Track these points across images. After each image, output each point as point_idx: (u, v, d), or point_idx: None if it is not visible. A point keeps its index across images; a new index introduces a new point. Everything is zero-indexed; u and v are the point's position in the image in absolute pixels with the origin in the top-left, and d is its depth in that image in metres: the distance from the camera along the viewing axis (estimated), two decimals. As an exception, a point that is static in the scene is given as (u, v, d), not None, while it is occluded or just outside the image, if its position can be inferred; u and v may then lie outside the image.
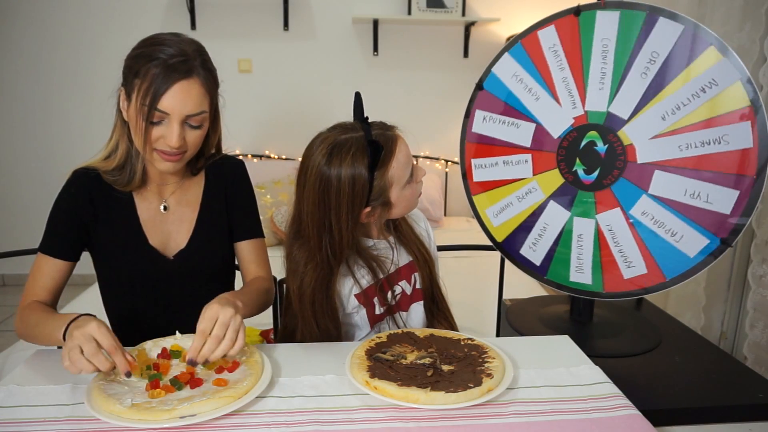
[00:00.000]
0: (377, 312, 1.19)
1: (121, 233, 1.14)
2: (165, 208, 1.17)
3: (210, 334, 0.89)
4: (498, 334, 1.60)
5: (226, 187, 1.23)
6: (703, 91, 1.14)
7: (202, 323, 0.90)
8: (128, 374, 0.87)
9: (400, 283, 1.22)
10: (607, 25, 1.22)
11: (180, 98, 1.00)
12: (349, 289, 1.16)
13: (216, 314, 0.90)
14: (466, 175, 1.43)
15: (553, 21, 1.28)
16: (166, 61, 0.99)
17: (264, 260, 1.27)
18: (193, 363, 0.89)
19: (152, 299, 1.17)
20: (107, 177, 1.12)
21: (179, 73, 0.99)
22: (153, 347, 0.99)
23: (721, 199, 1.13)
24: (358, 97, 1.11)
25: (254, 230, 1.26)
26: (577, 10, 1.26)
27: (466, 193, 1.43)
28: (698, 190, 1.16)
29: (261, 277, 1.24)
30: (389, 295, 1.19)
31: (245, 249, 1.25)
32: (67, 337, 0.87)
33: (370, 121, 1.09)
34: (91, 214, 1.12)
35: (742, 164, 1.11)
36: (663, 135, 1.18)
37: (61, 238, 1.11)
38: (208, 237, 1.20)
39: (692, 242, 1.17)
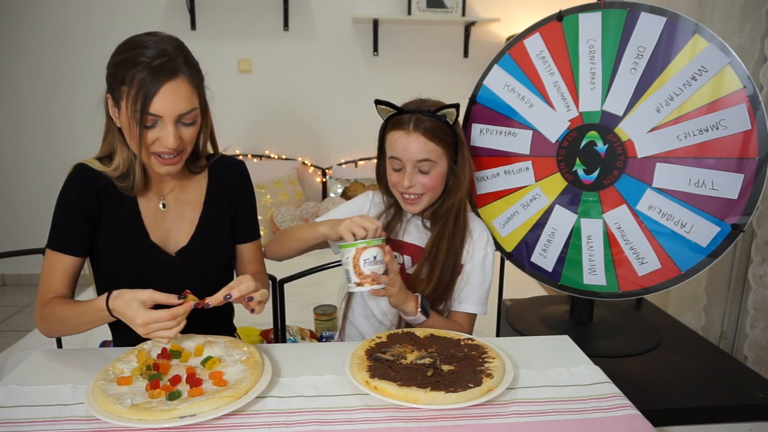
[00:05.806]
0: None
1: (123, 229, 1.14)
2: (164, 206, 1.17)
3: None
4: (498, 334, 1.60)
5: (230, 188, 1.25)
6: (694, 79, 1.14)
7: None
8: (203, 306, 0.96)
9: (396, 253, 1.27)
10: (590, 26, 1.22)
11: (170, 99, 1.01)
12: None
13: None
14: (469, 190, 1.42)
15: (537, 29, 1.29)
16: (149, 63, 0.99)
17: (262, 259, 1.32)
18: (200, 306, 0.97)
19: None
20: (116, 182, 1.12)
21: (165, 75, 1.00)
22: (153, 347, 0.99)
23: (727, 185, 1.13)
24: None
25: (255, 232, 1.29)
26: (559, 16, 1.26)
27: (471, 207, 1.42)
28: (702, 178, 1.15)
29: (261, 272, 1.30)
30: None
31: (247, 250, 1.28)
32: (132, 324, 0.94)
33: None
34: (96, 208, 1.13)
35: (744, 147, 1.10)
36: (660, 127, 1.18)
37: (70, 234, 1.11)
38: (210, 235, 1.21)
39: (703, 231, 1.16)
